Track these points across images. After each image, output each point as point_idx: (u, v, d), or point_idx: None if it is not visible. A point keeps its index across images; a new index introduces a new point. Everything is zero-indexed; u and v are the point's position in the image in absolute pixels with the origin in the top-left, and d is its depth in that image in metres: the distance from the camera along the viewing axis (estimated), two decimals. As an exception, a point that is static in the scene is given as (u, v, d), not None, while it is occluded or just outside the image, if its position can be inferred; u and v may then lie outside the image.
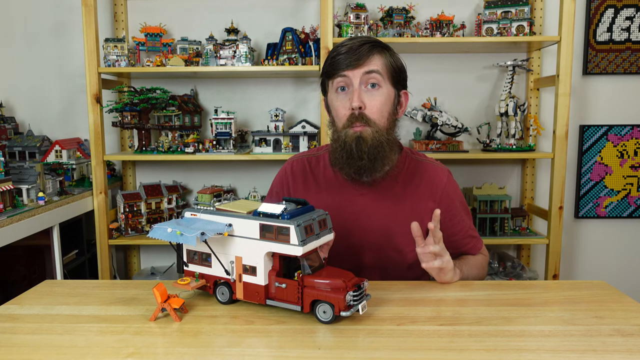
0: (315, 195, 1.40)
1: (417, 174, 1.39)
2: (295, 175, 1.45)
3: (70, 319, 1.02)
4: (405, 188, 1.37)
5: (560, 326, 0.97)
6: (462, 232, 1.41)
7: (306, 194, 1.40)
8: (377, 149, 1.27)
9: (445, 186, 1.39)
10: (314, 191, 1.41)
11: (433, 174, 1.40)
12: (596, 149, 2.59)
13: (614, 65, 2.54)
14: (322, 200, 1.36)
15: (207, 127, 2.57)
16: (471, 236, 1.43)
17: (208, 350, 0.88)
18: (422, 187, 1.38)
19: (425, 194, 1.37)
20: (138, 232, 2.42)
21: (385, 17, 2.37)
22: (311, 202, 1.37)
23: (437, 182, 1.38)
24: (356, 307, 0.96)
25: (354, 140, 1.26)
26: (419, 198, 1.37)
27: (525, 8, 2.27)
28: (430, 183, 1.38)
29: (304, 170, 1.45)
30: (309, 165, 1.46)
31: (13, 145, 2.33)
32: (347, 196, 1.37)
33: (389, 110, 1.31)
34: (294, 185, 1.44)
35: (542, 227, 2.56)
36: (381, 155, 1.28)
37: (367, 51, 1.26)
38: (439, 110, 2.43)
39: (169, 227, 1.00)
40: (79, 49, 2.52)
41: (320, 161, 1.45)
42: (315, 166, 1.45)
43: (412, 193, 1.37)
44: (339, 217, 1.31)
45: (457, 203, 1.41)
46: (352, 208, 1.36)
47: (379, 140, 1.27)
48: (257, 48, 2.55)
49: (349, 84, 1.28)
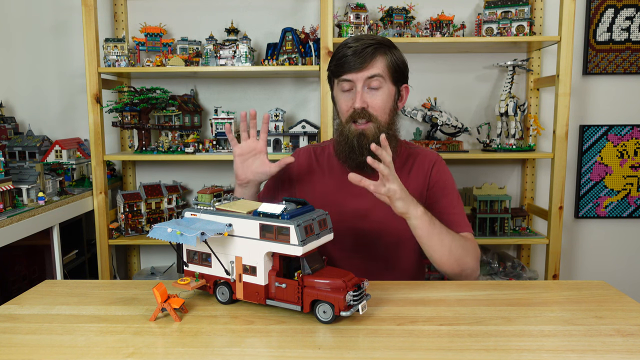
0: (319, 178, 1.50)
1: (410, 159, 1.49)
2: (301, 159, 1.54)
3: (70, 319, 1.02)
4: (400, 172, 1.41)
5: (560, 326, 0.97)
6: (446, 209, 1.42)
7: (310, 176, 1.51)
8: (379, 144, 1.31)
9: (434, 165, 1.47)
10: (318, 174, 1.51)
11: (424, 157, 1.49)
12: (596, 149, 2.59)
13: (614, 65, 2.54)
14: (325, 183, 1.48)
15: (207, 127, 2.57)
16: (457, 214, 1.43)
17: (208, 350, 0.88)
18: (414, 170, 1.47)
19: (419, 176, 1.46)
20: (138, 232, 2.42)
21: (385, 17, 2.37)
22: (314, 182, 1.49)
23: (428, 163, 1.47)
24: (356, 307, 0.96)
25: (356, 136, 1.36)
26: (412, 180, 1.45)
27: (525, 8, 2.27)
28: (421, 165, 1.47)
29: (309, 156, 1.55)
30: (314, 153, 1.57)
31: (13, 145, 2.33)
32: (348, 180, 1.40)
33: (390, 107, 1.40)
34: (298, 165, 1.52)
35: (542, 227, 2.56)
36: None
37: (371, 54, 1.33)
38: (439, 110, 2.43)
39: (169, 227, 1.00)
40: (79, 49, 2.51)
41: (325, 150, 1.56)
42: (320, 154, 1.56)
43: (406, 176, 1.45)
44: (340, 197, 1.43)
45: (445, 182, 1.46)
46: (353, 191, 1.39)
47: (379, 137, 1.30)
48: (257, 48, 2.55)
49: (353, 86, 1.37)
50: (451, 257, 1.29)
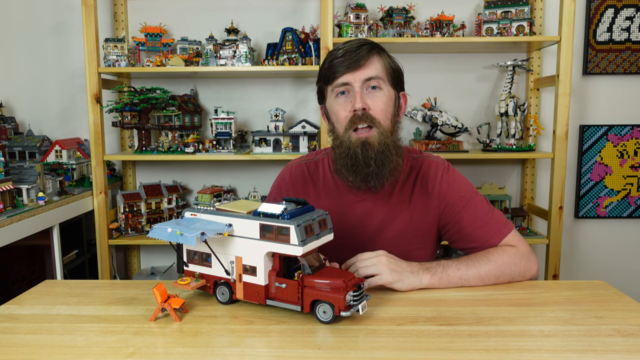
0: (315, 201, 1.36)
1: (413, 172, 1.37)
2: (294, 181, 1.42)
3: (70, 319, 1.02)
4: (403, 188, 1.35)
5: (560, 326, 0.97)
6: (473, 223, 1.29)
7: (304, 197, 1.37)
8: (384, 153, 1.24)
9: (441, 179, 1.33)
10: (313, 197, 1.39)
11: (427, 170, 1.36)
12: (596, 149, 2.59)
13: (614, 65, 2.54)
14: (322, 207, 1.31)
15: (207, 127, 2.57)
16: (487, 223, 1.29)
17: (208, 350, 0.88)
18: (418, 186, 1.35)
19: (423, 192, 1.34)
20: (138, 232, 2.42)
21: (385, 17, 2.37)
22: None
23: (432, 177, 1.34)
24: (356, 307, 0.96)
25: (360, 145, 1.22)
26: (417, 197, 1.34)
27: (525, 8, 2.27)
28: (425, 180, 1.35)
29: (303, 176, 1.42)
30: (307, 170, 1.43)
31: (13, 145, 2.33)
32: (347, 201, 1.35)
33: (392, 112, 1.28)
34: (294, 190, 1.41)
35: (542, 227, 2.56)
36: (388, 160, 1.25)
37: (366, 52, 1.23)
38: (439, 110, 2.43)
39: (169, 227, 1.00)
40: (79, 49, 2.51)
41: (320, 166, 1.42)
42: (314, 171, 1.42)
43: (410, 193, 1.35)
44: (340, 222, 1.29)
45: (461, 192, 1.33)
46: (353, 213, 1.34)
47: (385, 144, 1.23)
48: (257, 48, 2.55)
49: (350, 89, 1.25)
50: (504, 280, 1.20)
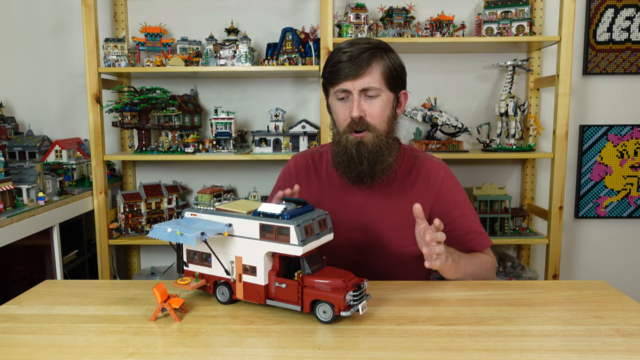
0: (317, 190, 1.45)
1: (414, 170, 1.43)
2: (298, 170, 1.51)
3: (70, 319, 1.02)
4: (403, 183, 1.41)
5: (560, 326, 0.97)
6: (465, 228, 1.39)
7: (308, 188, 1.45)
8: (377, 153, 1.32)
9: (443, 180, 1.41)
10: (316, 186, 1.46)
11: (429, 168, 1.43)
12: (596, 149, 2.59)
13: (614, 65, 2.54)
14: (324, 196, 1.43)
15: (207, 127, 2.57)
16: (476, 232, 1.41)
17: (208, 350, 0.88)
18: (420, 182, 1.41)
19: (423, 189, 1.40)
20: (138, 232, 2.42)
21: (385, 17, 2.37)
22: (312, 196, 1.42)
23: (434, 176, 1.41)
24: (356, 307, 0.96)
25: (355, 145, 1.32)
26: (417, 193, 1.40)
27: (525, 8, 2.27)
28: (427, 178, 1.41)
29: (307, 165, 1.51)
30: (312, 160, 1.52)
31: (13, 145, 2.33)
32: (347, 193, 1.42)
33: (389, 115, 1.35)
34: (297, 179, 1.48)
35: (542, 227, 2.56)
36: (380, 160, 1.33)
37: (367, 60, 1.29)
38: (439, 110, 2.43)
39: (169, 227, 1.00)
40: (79, 49, 2.51)
41: (324, 157, 1.51)
42: (318, 162, 1.51)
43: (410, 188, 1.40)
44: (340, 212, 1.35)
45: (457, 198, 1.41)
46: (353, 204, 1.40)
47: (378, 145, 1.32)
48: (257, 48, 2.55)
49: (349, 95, 1.32)
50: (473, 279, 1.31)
